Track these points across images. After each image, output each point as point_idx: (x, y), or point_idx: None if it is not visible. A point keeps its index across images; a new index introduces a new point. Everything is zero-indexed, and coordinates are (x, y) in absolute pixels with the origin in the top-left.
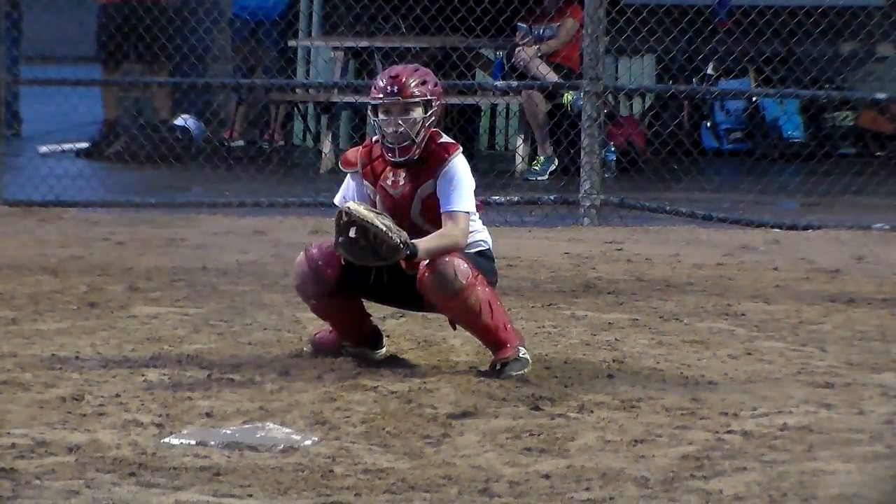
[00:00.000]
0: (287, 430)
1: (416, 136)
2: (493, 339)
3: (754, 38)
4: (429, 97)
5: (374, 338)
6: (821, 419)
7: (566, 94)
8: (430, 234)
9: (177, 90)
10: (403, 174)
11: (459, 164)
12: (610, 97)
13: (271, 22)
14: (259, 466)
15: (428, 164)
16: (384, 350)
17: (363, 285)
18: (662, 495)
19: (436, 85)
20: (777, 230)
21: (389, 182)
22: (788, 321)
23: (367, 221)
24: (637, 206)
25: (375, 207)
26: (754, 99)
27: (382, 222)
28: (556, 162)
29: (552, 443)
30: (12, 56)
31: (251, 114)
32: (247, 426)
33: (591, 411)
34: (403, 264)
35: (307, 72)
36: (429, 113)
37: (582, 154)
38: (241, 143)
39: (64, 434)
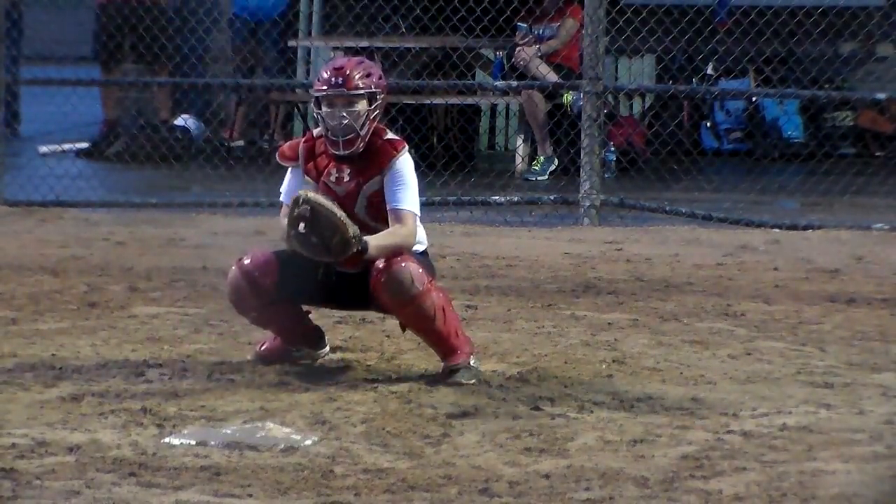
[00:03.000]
0: (287, 430)
1: (360, 129)
2: (444, 345)
3: (754, 38)
4: (373, 89)
5: (318, 337)
6: (821, 419)
7: (566, 94)
8: (376, 231)
9: (177, 90)
10: (348, 170)
11: (407, 163)
12: (610, 97)
13: (271, 22)
14: (259, 466)
15: (373, 160)
16: (328, 348)
17: (303, 291)
18: (662, 495)
19: (380, 78)
20: (777, 230)
21: (334, 178)
22: (788, 321)
23: (326, 208)
24: (637, 206)
25: None
26: (754, 99)
27: (340, 211)
28: (556, 162)
29: (552, 443)
30: (12, 56)
31: (251, 114)
32: (247, 426)
33: (591, 411)
34: (347, 263)
35: (307, 72)
36: (373, 106)
37: (582, 154)
38: (241, 143)
39: (64, 434)
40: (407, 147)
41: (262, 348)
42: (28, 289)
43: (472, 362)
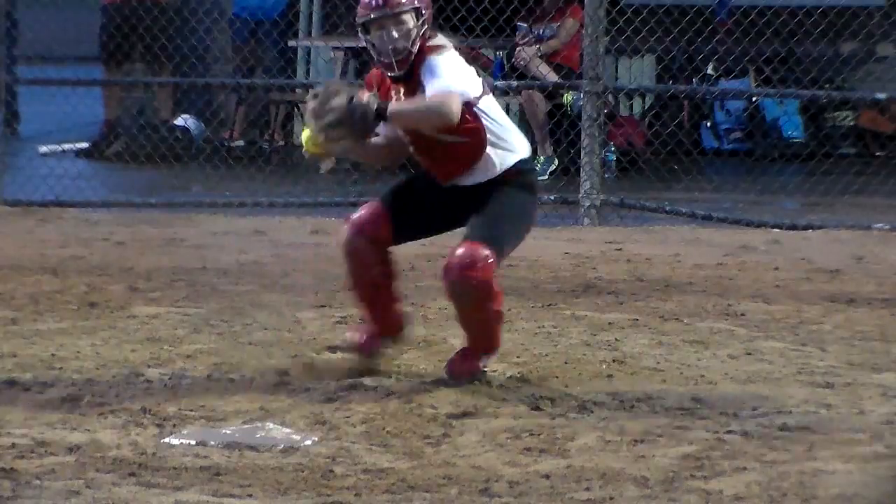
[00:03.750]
0: (287, 430)
1: (411, 46)
2: (477, 342)
3: (754, 38)
4: (417, 4)
5: (406, 322)
6: (821, 419)
7: (566, 94)
8: (445, 145)
9: (177, 90)
10: (402, 90)
11: (441, 57)
12: (610, 97)
13: (271, 22)
14: (259, 466)
15: (416, 71)
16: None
17: (418, 226)
18: (662, 495)
19: None
20: (777, 230)
21: (394, 101)
22: (788, 321)
23: (326, 89)
24: (637, 206)
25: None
26: (754, 99)
27: (344, 88)
28: (556, 162)
29: (552, 443)
30: (12, 56)
31: (251, 114)
32: (247, 426)
33: (591, 411)
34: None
35: (307, 72)
36: (420, 21)
37: (582, 154)
38: (241, 143)
39: (64, 434)
40: (447, 48)
41: (363, 339)
42: (28, 289)
43: (482, 368)
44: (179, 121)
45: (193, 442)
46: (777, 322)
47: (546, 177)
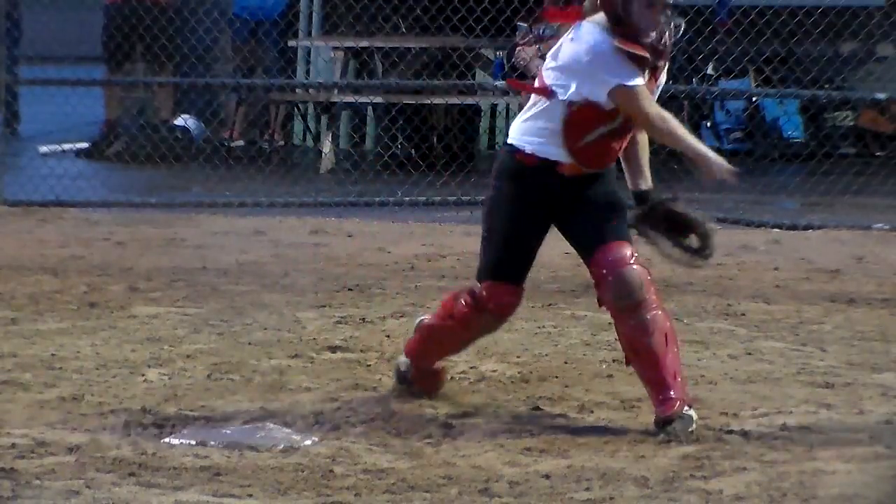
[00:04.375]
0: (287, 430)
1: None
2: (659, 380)
3: (754, 38)
4: None
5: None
6: (821, 419)
7: None
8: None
9: (177, 90)
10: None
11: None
12: None
13: (271, 22)
14: (259, 466)
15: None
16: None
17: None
18: (662, 495)
19: None
20: (777, 230)
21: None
22: (788, 321)
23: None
24: None
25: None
26: (754, 99)
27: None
28: None
29: (552, 443)
30: (12, 56)
31: (251, 114)
32: (247, 426)
33: (591, 411)
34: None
35: (307, 72)
36: None
37: None
38: (241, 143)
39: (64, 434)
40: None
41: (435, 382)
42: (28, 289)
43: (685, 411)
44: (179, 121)
45: (193, 442)
46: (777, 322)
47: None
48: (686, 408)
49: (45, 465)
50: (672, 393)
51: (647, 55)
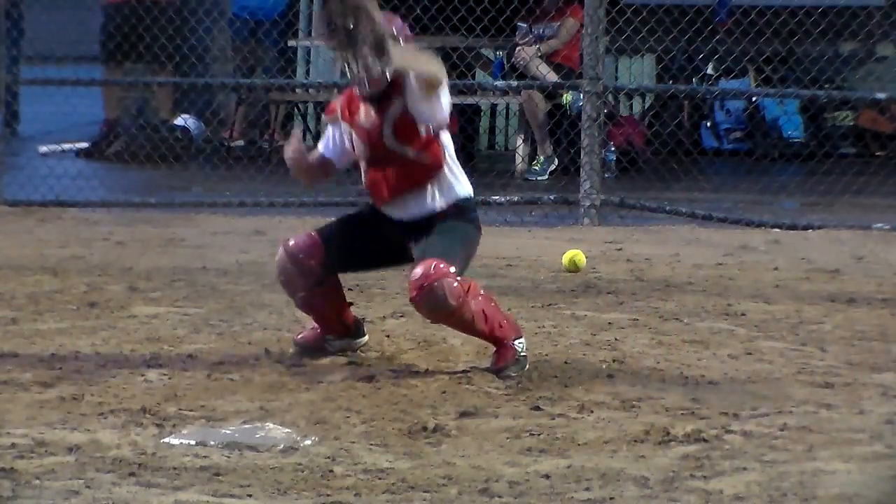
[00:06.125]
0: (287, 430)
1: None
2: (489, 340)
3: (754, 38)
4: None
5: (357, 327)
6: (821, 419)
7: (566, 94)
8: (404, 158)
9: (177, 90)
10: (374, 106)
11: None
12: (610, 97)
13: (271, 22)
14: (259, 466)
15: (393, 86)
16: (366, 338)
17: (349, 262)
18: (662, 495)
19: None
20: (777, 230)
21: (362, 116)
22: (788, 321)
23: None
24: (637, 206)
25: (353, 148)
26: (754, 99)
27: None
28: (556, 162)
29: (552, 443)
30: (12, 56)
31: (251, 114)
32: (247, 426)
33: (591, 411)
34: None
35: (307, 72)
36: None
37: (582, 154)
38: (241, 143)
39: (64, 434)
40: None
41: (299, 337)
42: (28, 289)
43: (518, 354)
44: (179, 121)
45: (193, 442)
46: (777, 322)
47: (546, 177)
48: (518, 346)
49: (45, 465)
50: (503, 339)
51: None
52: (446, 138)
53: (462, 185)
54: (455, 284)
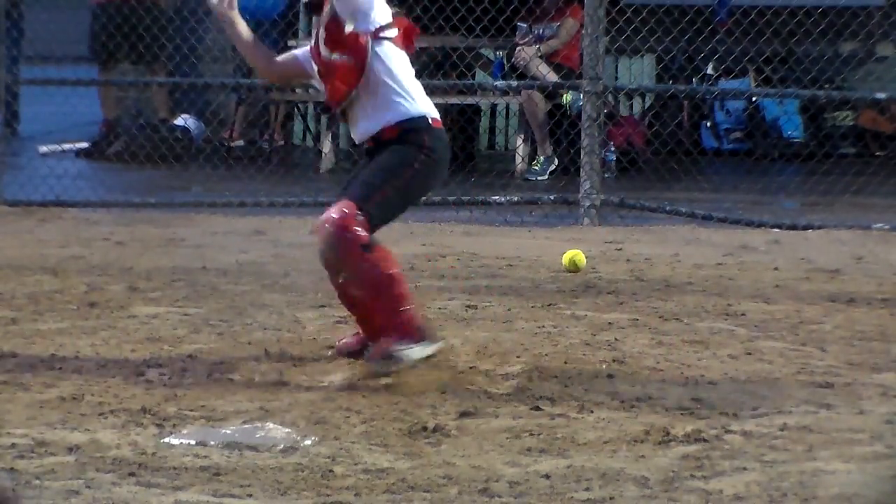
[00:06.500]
0: (287, 430)
1: None
2: (377, 324)
3: (754, 38)
4: None
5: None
6: (821, 419)
7: (566, 94)
8: (338, 62)
9: (176, 90)
10: (316, 20)
11: None
12: (610, 97)
13: (271, 22)
14: (259, 466)
15: None
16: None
17: None
18: (662, 495)
19: None
20: (777, 230)
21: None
22: (788, 321)
23: None
24: (637, 206)
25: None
26: (754, 99)
27: None
28: (556, 162)
29: (552, 443)
30: (12, 56)
31: (251, 114)
32: (247, 426)
33: (591, 411)
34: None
35: None
36: None
37: (582, 154)
38: (241, 143)
39: (64, 434)
40: None
41: (341, 342)
42: (28, 289)
43: (393, 351)
44: (179, 121)
45: (193, 442)
46: (777, 322)
47: (546, 177)
48: (397, 346)
49: (45, 465)
50: (384, 336)
51: None
52: (392, 51)
53: (413, 105)
54: (349, 237)
